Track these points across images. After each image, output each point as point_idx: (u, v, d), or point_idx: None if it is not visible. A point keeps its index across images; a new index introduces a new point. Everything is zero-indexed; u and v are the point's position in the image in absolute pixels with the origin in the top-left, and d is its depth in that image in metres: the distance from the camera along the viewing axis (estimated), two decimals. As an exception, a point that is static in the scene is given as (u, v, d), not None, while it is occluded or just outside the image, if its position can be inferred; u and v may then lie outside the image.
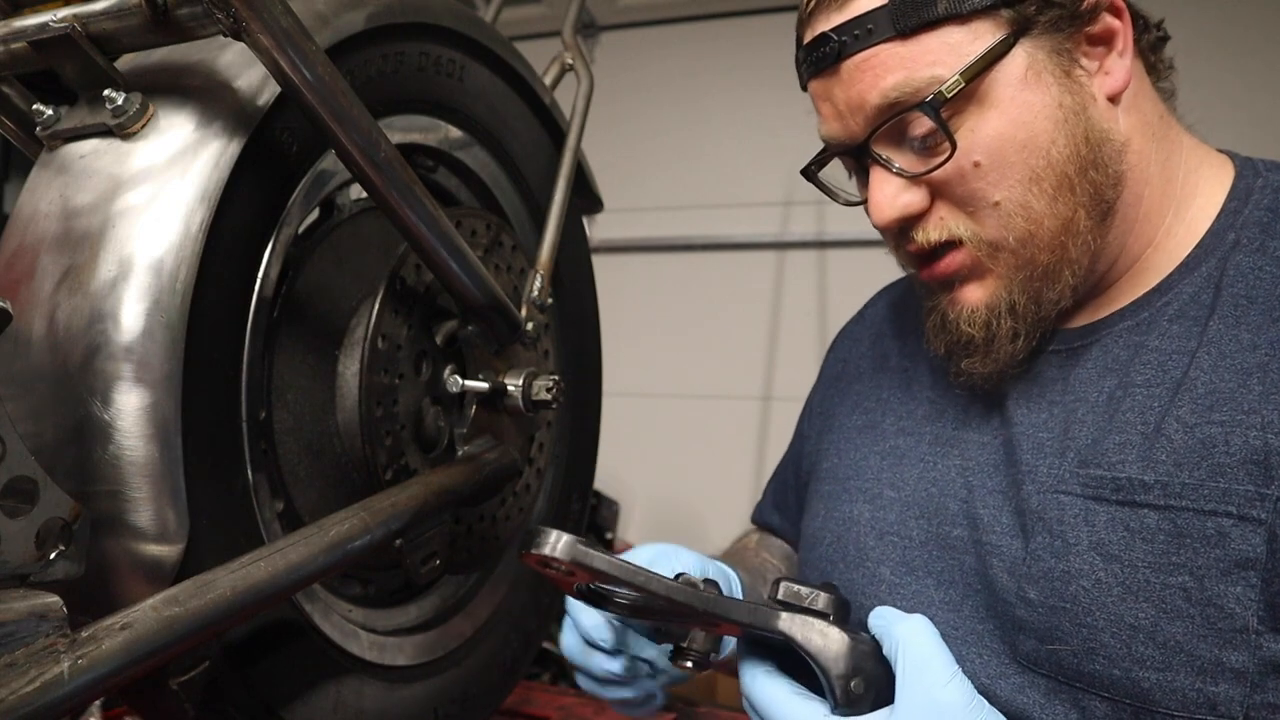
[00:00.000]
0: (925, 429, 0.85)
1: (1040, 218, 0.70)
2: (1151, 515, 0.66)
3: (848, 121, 0.74)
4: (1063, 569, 0.68)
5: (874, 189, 0.74)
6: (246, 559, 0.65)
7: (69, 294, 0.67)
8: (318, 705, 0.81)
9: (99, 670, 0.55)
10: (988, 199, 0.71)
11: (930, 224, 0.74)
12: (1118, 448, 0.69)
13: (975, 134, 0.70)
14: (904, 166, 0.73)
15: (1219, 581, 0.62)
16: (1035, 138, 0.69)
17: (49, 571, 0.60)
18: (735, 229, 3.29)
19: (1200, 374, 0.67)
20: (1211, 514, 0.63)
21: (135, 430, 0.65)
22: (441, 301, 0.91)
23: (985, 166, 0.70)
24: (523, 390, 0.94)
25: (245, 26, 0.65)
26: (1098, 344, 0.75)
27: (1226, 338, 0.68)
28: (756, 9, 3.29)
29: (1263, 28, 2.73)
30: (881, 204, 0.73)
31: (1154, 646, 0.64)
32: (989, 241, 0.72)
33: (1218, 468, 0.64)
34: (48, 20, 0.69)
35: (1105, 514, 0.68)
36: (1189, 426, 0.66)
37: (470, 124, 1.00)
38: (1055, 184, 0.70)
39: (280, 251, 0.78)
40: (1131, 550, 0.66)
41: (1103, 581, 0.66)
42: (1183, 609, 0.63)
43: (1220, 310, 0.69)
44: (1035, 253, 0.71)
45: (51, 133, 0.73)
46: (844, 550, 0.86)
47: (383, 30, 0.85)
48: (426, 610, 1.00)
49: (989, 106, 0.69)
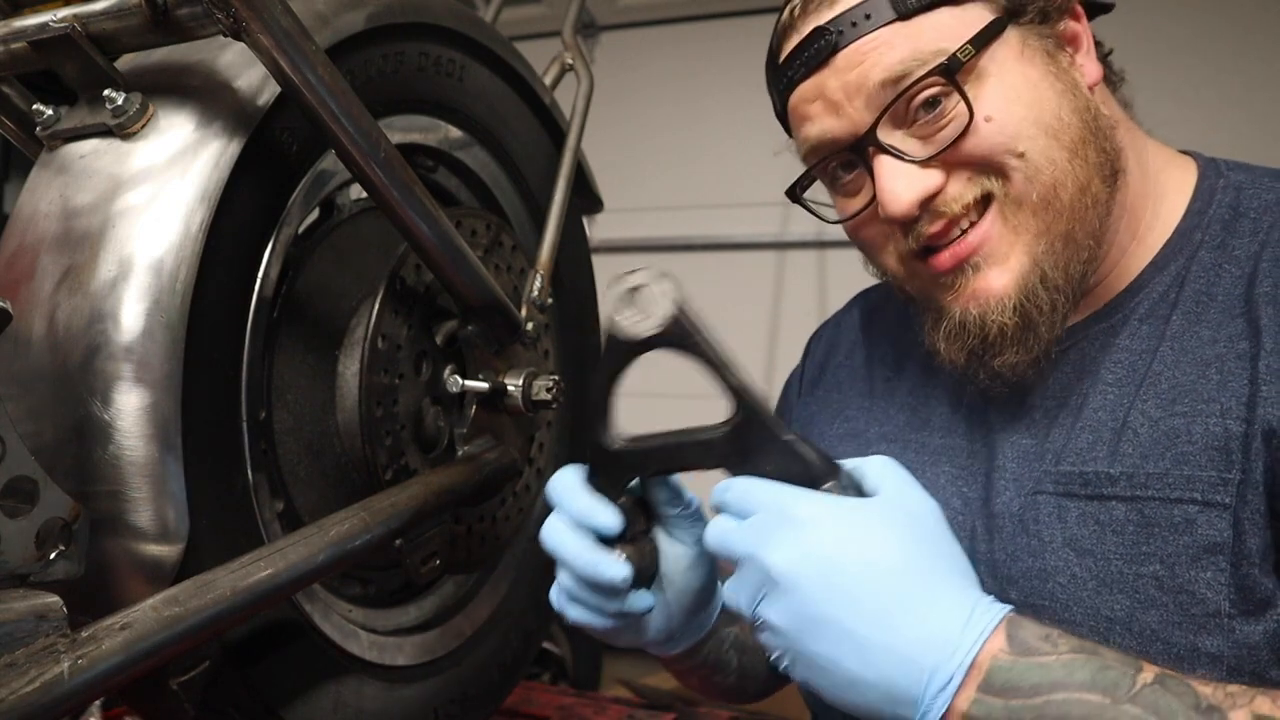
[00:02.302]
0: (910, 437, 0.85)
1: (1063, 175, 0.69)
2: (1120, 507, 0.67)
3: (845, 110, 0.72)
4: (1039, 567, 0.70)
5: (885, 179, 0.71)
6: (246, 559, 0.65)
7: (69, 294, 0.67)
8: (318, 705, 0.81)
9: (99, 670, 0.55)
10: (1013, 149, 0.69)
11: (952, 192, 0.71)
12: (1089, 445, 0.70)
13: (982, 99, 0.69)
14: (907, 152, 0.70)
15: (1189, 568, 0.63)
16: (1042, 100, 0.70)
17: (49, 571, 0.60)
18: (735, 229, 3.29)
19: (1163, 369, 0.69)
20: (1177, 501, 0.65)
21: (135, 430, 0.65)
22: (441, 301, 0.91)
23: (999, 120, 0.69)
24: (523, 390, 0.94)
25: (245, 26, 0.65)
26: (1075, 347, 0.76)
27: (1188, 334, 0.69)
28: (756, 9, 3.29)
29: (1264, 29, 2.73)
30: (898, 191, 0.70)
31: (1130, 637, 0.65)
32: (1015, 197, 0.70)
33: (1181, 456, 0.65)
34: (48, 20, 0.69)
35: (1076, 509, 0.69)
36: (1153, 420, 0.68)
37: (470, 124, 1.00)
38: (1073, 141, 0.70)
39: (280, 251, 0.78)
40: (1103, 543, 0.67)
41: (1078, 576, 0.68)
42: (1156, 598, 0.64)
43: (1182, 306, 0.71)
44: (1055, 218, 0.70)
45: (51, 133, 0.73)
46: None
47: (383, 30, 0.85)
48: (426, 610, 1.00)
49: (992, 76, 0.70)
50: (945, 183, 0.71)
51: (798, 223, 3.22)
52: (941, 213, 0.71)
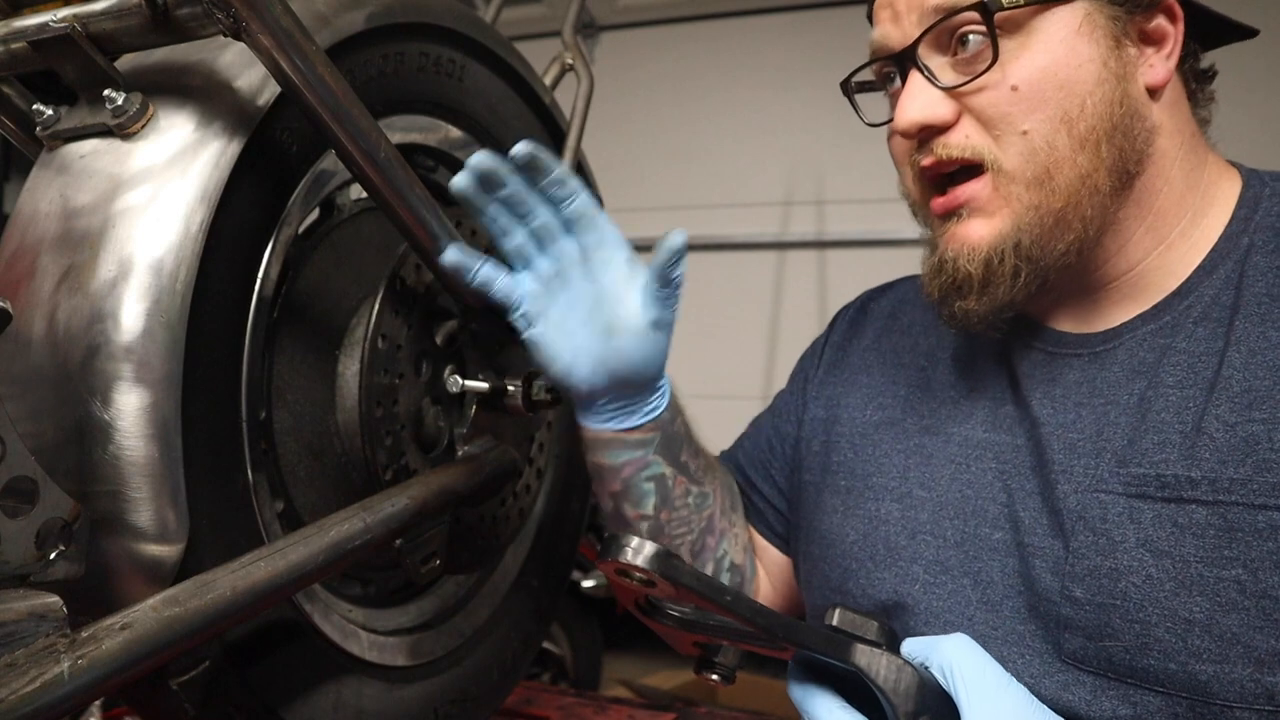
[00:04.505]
0: (952, 430, 0.85)
1: (1061, 161, 0.71)
2: (1200, 511, 0.67)
3: (903, 22, 0.75)
4: (1110, 566, 0.69)
5: (907, 92, 0.75)
6: (246, 559, 0.65)
7: (69, 294, 0.67)
8: (318, 705, 0.81)
9: (99, 670, 0.55)
10: (1017, 126, 0.71)
11: (953, 139, 0.74)
12: (1157, 447, 0.70)
13: (1019, 61, 0.71)
14: (942, 79, 0.74)
15: (1273, 573, 0.63)
16: (1076, 83, 0.71)
17: (49, 571, 0.60)
18: (735, 229, 3.29)
19: (1234, 372, 0.69)
20: (1262, 508, 0.64)
21: (135, 430, 0.65)
22: (441, 301, 0.91)
23: (1023, 92, 0.71)
24: (523, 390, 0.94)
25: (245, 26, 0.65)
26: (1121, 347, 0.76)
27: (1254, 335, 0.69)
28: (756, 9, 3.29)
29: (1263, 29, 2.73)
30: (910, 106, 0.74)
31: (1210, 639, 0.64)
32: (1007, 171, 0.72)
33: (1264, 463, 0.65)
34: (48, 20, 0.69)
35: (1151, 511, 0.69)
36: (1229, 425, 0.67)
37: (470, 124, 1.00)
38: (1085, 132, 0.71)
39: (280, 251, 0.78)
40: (1181, 545, 0.67)
41: (1153, 577, 0.67)
42: (1237, 601, 0.64)
43: (1244, 310, 0.71)
44: (1048, 196, 0.72)
45: (51, 133, 0.73)
46: (872, 549, 0.85)
47: (383, 30, 0.85)
48: (426, 610, 1.00)
49: (1039, 39, 0.71)
50: (956, 120, 0.74)
51: (798, 223, 3.23)
52: (933, 150, 0.75)
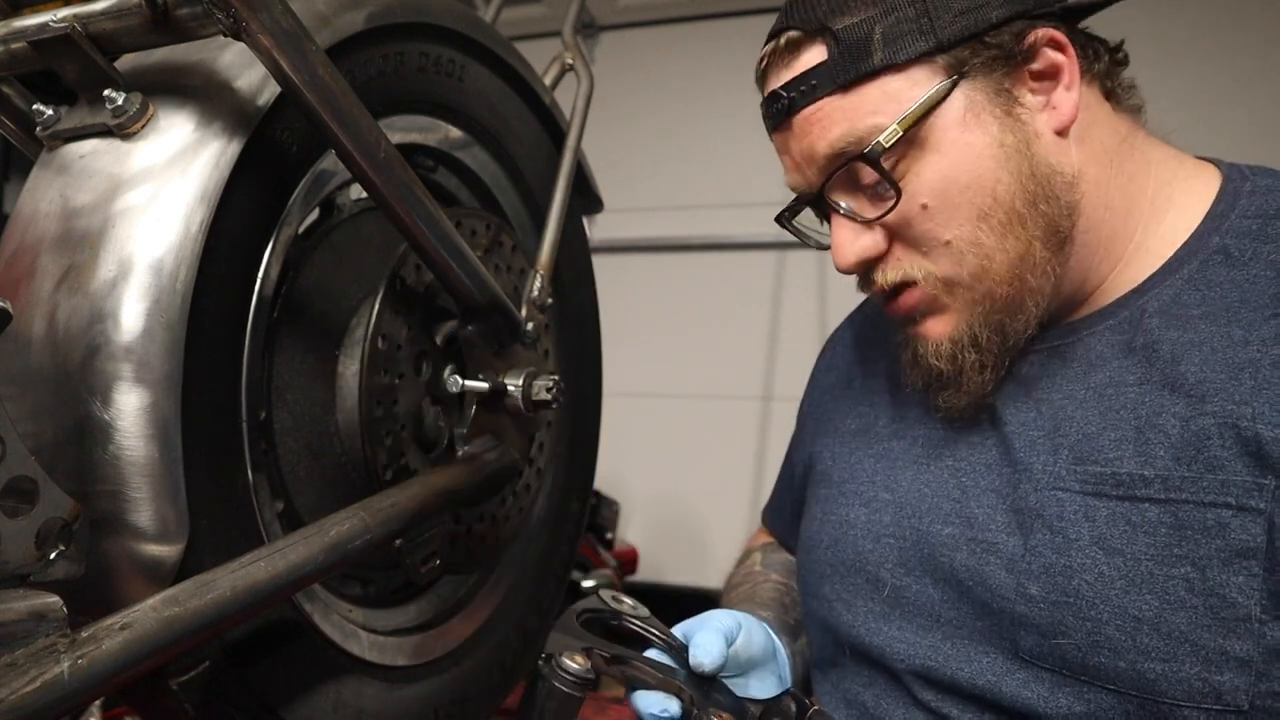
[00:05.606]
0: (918, 431, 0.85)
1: (991, 252, 0.72)
2: (1152, 509, 0.67)
3: (805, 172, 0.78)
4: (1064, 564, 0.69)
5: (834, 235, 0.78)
6: (246, 559, 0.65)
7: (69, 294, 0.67)
8: (318, 705, 0.81)
9: (99, 670, 0.55)
10: (939, 239, 0.73)
11: (889, 265, 0.77)
12: (1114, 444, 0.70)
13: (920, 178, 0.72)
14: (859, 212, 0.76)
15: (1221, 571, 0.63)
16: (979, 177, 0.71)
17: (49, 571, 0.60)
18: (735, 229, 3.29)
19: (1190, 369, 0.68)
20: (1211, 505, 0.65)
21: (135, 430, 0.65)
22: (441, 301, 0.91)
23: (933, 208, 0.72)
24: (523, 390, 0.94)
25: (245, 26, 0.65)
26: (1079, 342, 0.76)
27: (1218, 335, 0.69)
28: (756, 9, 3.29)
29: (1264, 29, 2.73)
30: (842, 248, 0.77)
31: (1159, 637, 0.65)
32: (943, 279, 0.74)
33: (1214, 460, 0.65)
34: (48, 20, 0.69)
35: (1106, 509, 0.69)
36: (1183, 420, 0.67)
37: (470, 124, 1.00)
38: (1004, 220, 0.72)
39: (280, 251, 0.78)
40: (1134, 543, 0.67)
41: (1105, 575, 0.67)
42: (1186, 599, 0.64)
43: (1208, 307, 0.70)
44: (992, 286, 0.73)
45: (51, 133, 0.73)
46: (841, 554, 0.86)
47: (383, 30, 0.85)
48: (426, 610, 1.00)
49: (931, 150, 0.71)
50: (888, 248, 0.76)
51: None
52: (873, 280, 0.78)
